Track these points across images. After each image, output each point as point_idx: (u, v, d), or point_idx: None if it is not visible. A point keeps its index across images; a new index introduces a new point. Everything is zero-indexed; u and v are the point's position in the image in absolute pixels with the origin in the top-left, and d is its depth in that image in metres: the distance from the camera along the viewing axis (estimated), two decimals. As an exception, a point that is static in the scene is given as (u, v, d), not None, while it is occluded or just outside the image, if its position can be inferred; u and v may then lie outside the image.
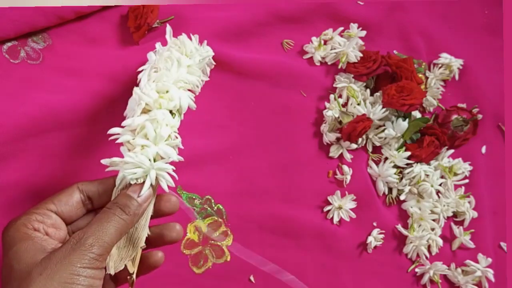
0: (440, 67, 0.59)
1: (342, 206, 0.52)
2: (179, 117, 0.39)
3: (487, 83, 0.61)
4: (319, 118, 0.55)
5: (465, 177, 0.57)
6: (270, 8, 0.55)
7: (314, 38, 0.56)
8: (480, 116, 0.59)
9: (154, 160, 0.35)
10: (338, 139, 0.54)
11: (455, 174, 0.57)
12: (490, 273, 0.54)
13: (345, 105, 0.55)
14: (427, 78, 0.59)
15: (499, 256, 0.58)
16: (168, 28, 0.44)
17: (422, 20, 0.61)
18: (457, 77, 0.60)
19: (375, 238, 0.53)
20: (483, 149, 0.60)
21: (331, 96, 0.55)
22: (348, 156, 0.54)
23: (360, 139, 0.54)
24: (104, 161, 0.36)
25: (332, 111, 0.53)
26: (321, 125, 0.54)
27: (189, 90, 0.42)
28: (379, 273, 0.54)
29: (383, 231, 0.54)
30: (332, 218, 0.53)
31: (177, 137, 0.38)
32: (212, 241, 0.50)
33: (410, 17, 0.60)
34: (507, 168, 0.57)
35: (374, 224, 0.54)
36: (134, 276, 0.34)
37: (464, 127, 0.56)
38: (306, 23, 0.56)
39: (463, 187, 0.57)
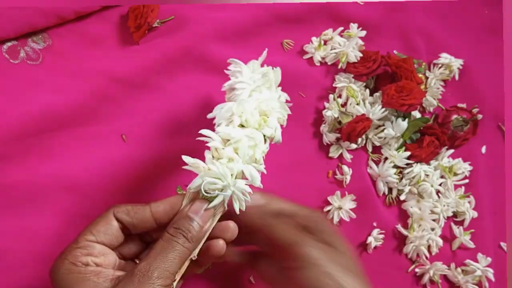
0: (440, 67, 0.59)
1: (342, 206, 0.52)
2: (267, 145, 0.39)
3: (487, 83, 0.61)
4: (318, 118, 0.55)
5: (465, 177, 0.57)
6: (270, 8, 0.55)
7: (314, 38, 0.56)
8: (480, 116, 0.59)
9: (235, 178, 0.34)
10: (337, 139, 0.54)
11: (455, 174, 0.57)
12: (490, 273, 0.54)
13: (344, 105, 0.55)
14: (427, 78, 0.59)
15: (499, 256, 0.58)
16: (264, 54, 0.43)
17: (422, 20, 0.61)
18: (457, 77, 0.60)
19: (375, 238, 0.53)
20: (483, 149, 0.60)
21: (331, 96, 0.55)
22: (347, 156, 0.54)
23: (359, 139, 0.54)
24: (185, 159, 0.34)
25: (331, 111, 0.53)
26: (320, 125, 0.54)
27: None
28: (379, 273, 0.54)
29: (383, 231, 0.54)
30: (332, 218, 0.53)
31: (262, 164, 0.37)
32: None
33: (410, 17, 0.60)
34: (507, 168, 0.57)
35: (374, 224, 0.54)
36: (174, 284, 0.32)
37: (464, 127, 0.56)
38: (306, 23, 0.56)
39: (463, 187, 0.57)
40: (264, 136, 0.38)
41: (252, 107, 0.37)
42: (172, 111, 0.50)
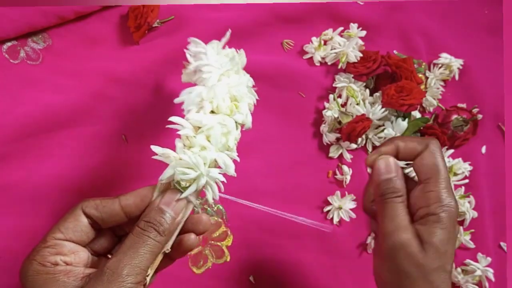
0: (440, 67, 0.59)
1: (342, 206, 0.52)
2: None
3: (487, 83, 0.61)
4: (318, 118, 0.55)
5: (465, 177, 0.57)
6: (270, 8, 0.55)
7: (314, 38, 0.56)
8: (480, 116, 0.59)
9: (208, 166, 0.33)
10: (337, 139, 0.54)
11: (455, 174, 0.57)
12: (490, 273, 0.54)
13: (344, 105, 0.55)
14: (427, 78, 0.59)
15: (499, 256, 0.58)
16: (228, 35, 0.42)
17: (422, 20, 0.61)
18: (457, 77, 0.60)
19: (375, 239, 0.53)
20: (483, 149, 0.60)
21: (331, 96, 0.55)
22: (348, 156, 0.54)
23: (359, 139, 0.54)
24: (155, 149, 0.33)
25: (331, 111, 0.53)
26: (320, 125, 0.54)
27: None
28: (379, 273, 0.54)
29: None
30: (332, 218, 0.53)
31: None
32: (212, 242, 0.50)
33: (410, 17, 0.60)
34: (507, 168, 0.57)
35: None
36: (148, 279, 0.32)
37: (464, 127, 0.56)
38: (306, 23, 0.56)
39: (463, 187, 0.57)
40: (235, 122, 0.36)
41: (223, 92, 0.36)
42: (172, 111, 0.50)
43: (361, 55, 0.54)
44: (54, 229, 0.32)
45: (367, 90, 0.55)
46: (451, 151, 0.57)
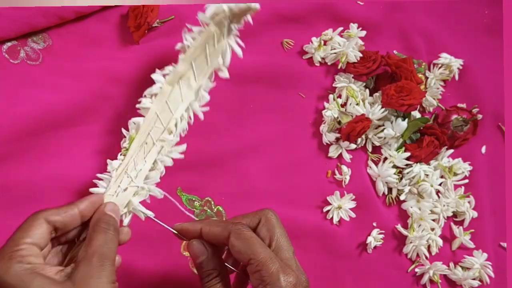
0: (440, 67, 0.59)
1: (342, 206, 0.52)
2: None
3: (487, 83, 0.61)
4: (318, 118, 0.55)
5: (465, 177, 0.57)
6: (270, 8, 0.55)
7: (314, 39, 0.56)
8: (480, 116, 0.59)
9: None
10: (337, 139, 0.54)
11: (455, 174, 0.57)
12: (489, 268, 0.54)
13: (344, 105, 0.55)
14: (427, 78, 0.59)
15: (499, 255, 0.58)
16: None
17: (422, 20, 0.61)
18: (457, 77, 0.60)
19: (375, 238, 0.53)
20: (483, 149, 0.60)
21: (330, 96, 0.55)
22: (347, 156, 0.54)
23: (359, 139, 0.54)
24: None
25: (331, 111, 0.53)
26: (320, 125, 0.54)
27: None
28: (379, 273, 0.54)
29: (383, 231, 0.54)
30: (332, 218, 0.53)
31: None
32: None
33: (410, 17, 0.60)
34: (507, 168, 0.57)
35: (374, 224, 0.54)
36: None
37: (464, 127, 0.56)
38: (306, 23, 0.56)
39: (463, 187, 0.57)
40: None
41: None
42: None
43: (361, 55, 0.54)
44: (22, 234, 0.33)
45: (367, 90, 0.55)
46: (451, 151, 0.57)
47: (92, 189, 0.40)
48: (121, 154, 0.41)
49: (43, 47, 0.48)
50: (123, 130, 0.43)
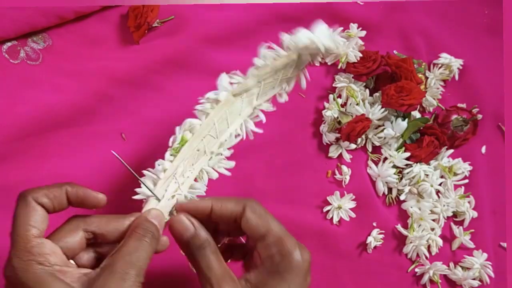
0: (440, 67, 0.59)
1: (342, 206, 0.52)
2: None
3: (487, 83, 0.61)
4: (318, 118, 0.55)
5: (465, 177, 0.57)
6: (270, 8, 0.55)
7: (314, 38, 0.55)
8: (480, 116, 0.59)
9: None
10: (337, 139, 0.54)
11: (455, 174, 0.57)
12: (489, 268, 0.54)
13: (344, 105, 0.55)
14: (427, 78, 0.59)
15: (499, 255, 0.58)
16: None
17: (422, 20, 0.61)
18: (457, 77, 0.60)
19: (375, 238, 0.53)
20: (483, 149, 0.60)
21: (330, 96, 0.55)
22: (347, 156, 0.54)
23: (359, 139, 0.54)
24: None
25: (331, 111, 0.53)
26: (320, 125, 0.54)
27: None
28: (379, 273, 0.54)
29: (383, 231, 0.54)
30: (332, 218, 0.53)
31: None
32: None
33: (410, 17, 0.60)
34: (507, 168, 0.57)
35: (374, 224, 0.54)
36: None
37: (464, 127, 0.56)
38: (306, 23, 0.56)
39: (463, 187, 0.57)
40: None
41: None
42: (171, 111, 0.50)
43: (361, 55, 0.54)
44: (25, 226, 0.31)
45: (367, 90, 0.55)
46: (451, 151, 0.57)
47: (137, 189, 0.37)
48: (170, 155, 0.38)
49: (43, 47, 0.48)
50: (176, 128, 0.39)
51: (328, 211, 0.53)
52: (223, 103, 0.39)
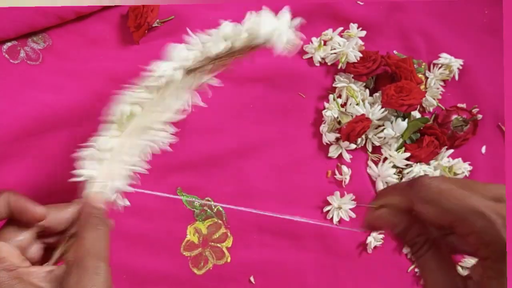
0: (440, 67, 0.59)
1: (342, 206, 0.52)
2: None
3: (487, 83, 0.61)
4: (318, 118, 0.55)
5: (465, 177, 0.57)
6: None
7: (314, 39, 0.56)
8: (480, 116, 0.59)
9: None
10: (337, 139, 0.54)
11: (455, 174, 0.57)
12: None
13: (344, 105, 0.55)
14: (427, 78, 0.59)
15: (499, 256, 0.58)
16: None
17: (422, 20, 0.61)
18: (457, 77, 0.60)
19: (374, 238, 0.53)
20: (483, 149, 0.60)
21: (330, 96, 0.55)
22: (347, 156, 0.54)
23: (359, 139, 0.54)
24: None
25: (331, 111, 0.53)
26: (320, 125, 0.54)
27: None
28: (379, 273, 0.54)
29: (383, 231, 0.54)
30: (332, 218, 0.53)
31: None
32: (212, 243, 0.50)
33: (410, 17, 0.60)
34: (507, 168, 0.56)
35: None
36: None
37: (464, 127, 0.56)
38: (306, 23, 0.56)
39: (463, 187, 0.57)
40: None
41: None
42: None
43: (361, 55, 0.54)
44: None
45: (367, 90, 0.55)
46: (451, 151, 0.57)
47: (78, 171, 0.36)
48: (116, 130, 0.37)
49: (43, 47, 0.48)
50: (121, 100, 0.38)
51: (328, 211, 0.53)
52: (174, 81, 0.39)
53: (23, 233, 0.32)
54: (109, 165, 0.36)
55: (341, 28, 0.56)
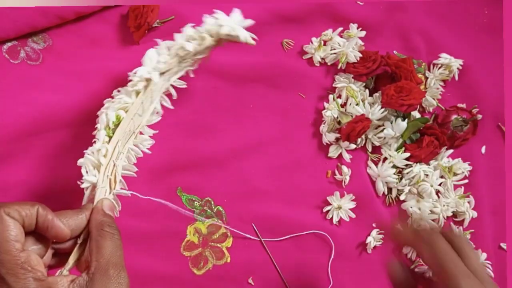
0: (439, 67, 0.59)
1: (342, 206, 0.52)
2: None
3: (487, 83, 0.61)
4: (318, 119, 0.55)
5: (465, 177, 0.57)
6: (270, 8, 0.55)
7: (314, 39, 0.56)
8: (480, 116, 0.59)
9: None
10: (337, 139, 0.54)
11: (455, 174, 0.57)
12: (489, 268, 0.54)
13: (344, 105, 0.55)
14: (426, 78, 0.59)
15: (499, 255, 0.58)
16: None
17: (422, 20, 0.61)
18: (456, 77, 0.60)
19: (374, 238, 0.53)
20: (483, 149, 0.60)
21: (330, 96, 0.55)
22: (347, 156, 0.54)
23: (359, 139, 0.54)
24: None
25: (331, 111, 0.53)
26: (320, 125, 0.54)
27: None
28: (379, 273, 0.54)
29: (383, 231, 0.54)
30: (331, 218, 0.53)
31: None
32: (212, 243, 0.50)
33: (410, 17, 0.60)
34: (507, 168, 0.57)
35: (374, 224, 0.54)
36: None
37: (463, 127, 0.56)
38: (306, 23, 0.56)
39: (462, 187, 0.57)
40: None
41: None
42: (171, 111, 0.50)
43: (361, 55, 0.54)
44: (8, 242, 0.30)
45: (367, 90, 0.55)
46: (451, 151, 0.57)
47: (85, 177, 0.37)
48: (106, 135, 0.39)
49: (43, 47, 0.48)
50: (107, 107, 0.40)
51: (328, 211, 0.53)
52: (151, 84, 0.41)
53: (42, 242, 0.33)
54: (106, 171, 0.38)
55: (341, 28, 0.56)
